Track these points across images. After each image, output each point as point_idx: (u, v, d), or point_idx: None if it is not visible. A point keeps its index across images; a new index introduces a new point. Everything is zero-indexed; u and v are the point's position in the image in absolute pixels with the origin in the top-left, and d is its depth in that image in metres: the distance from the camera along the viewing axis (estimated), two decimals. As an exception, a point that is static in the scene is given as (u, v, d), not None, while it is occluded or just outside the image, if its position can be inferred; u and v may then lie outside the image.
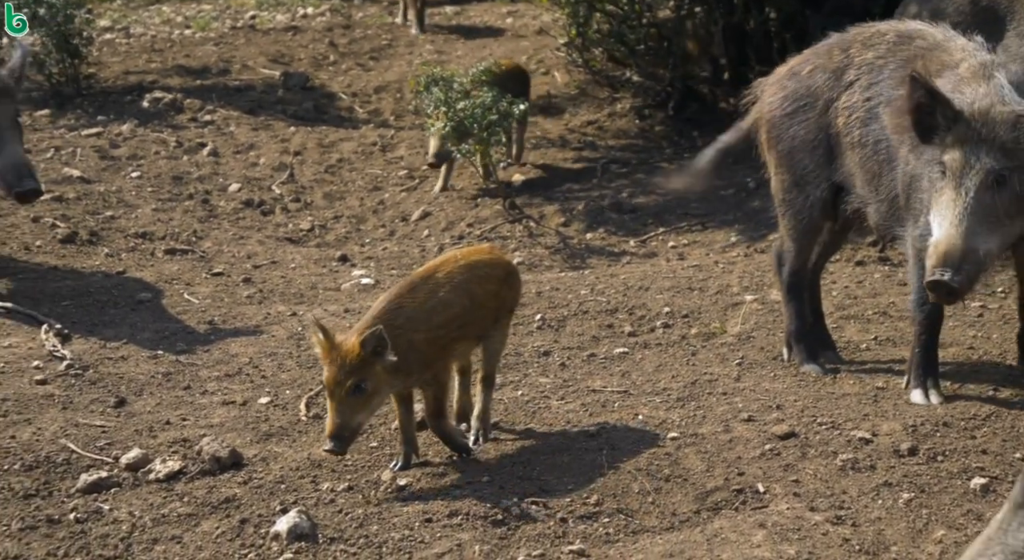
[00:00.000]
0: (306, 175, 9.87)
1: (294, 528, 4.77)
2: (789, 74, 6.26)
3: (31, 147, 9.62)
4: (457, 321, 5.25)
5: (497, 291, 5.41)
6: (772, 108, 6.26)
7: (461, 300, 5.27)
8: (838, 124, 6.00)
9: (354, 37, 13.41)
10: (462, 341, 5.32)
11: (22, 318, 7.00)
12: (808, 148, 6.11)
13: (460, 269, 5.34)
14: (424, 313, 5.17)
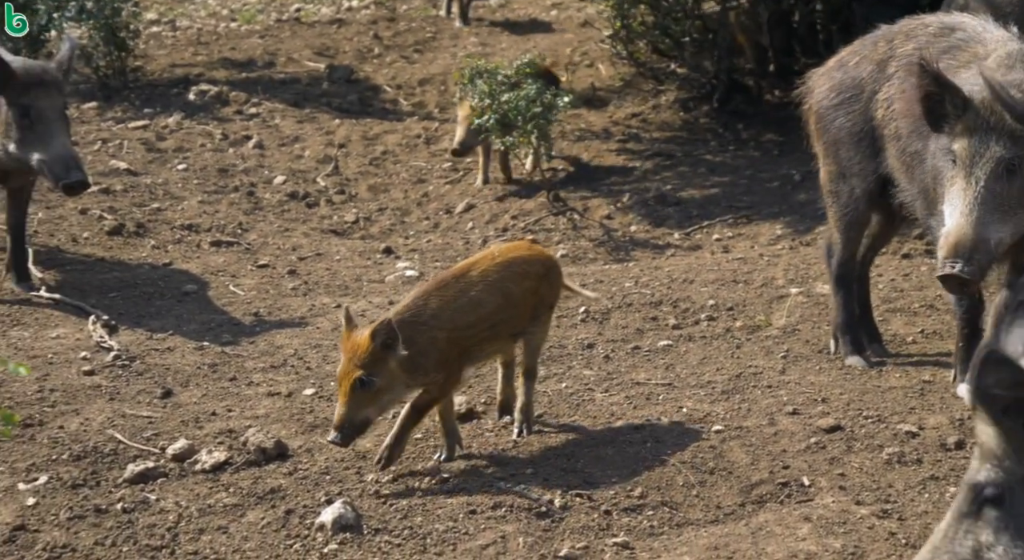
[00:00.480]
0: (351, 167, 9.89)
1: (339, 519, 4.79)
2: (838, 65, 6.23)
3: (78, 139, 9.69)
4: (488, 321, 5.20)
5: (535, 288, 5.37)
6: (820, 98, 6.23)
7: (494, 299, 5.23)
8: (878, 116, 5.97)
9: (399, 30, 13.43)
10: (493, 341, 5.28)
11: (70, 309, 7.05)
12: (854, 140, 6.08)
13: (495, 267, 5.30)
14: (450, 312, 5.13)
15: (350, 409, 4.92)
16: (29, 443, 5.47)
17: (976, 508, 3.27)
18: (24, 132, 6.85)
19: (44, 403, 5.84)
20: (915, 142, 5.76)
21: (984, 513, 3.26)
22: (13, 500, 5.03)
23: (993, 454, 3.24)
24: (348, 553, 4.66)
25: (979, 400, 3.18)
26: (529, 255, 5.45)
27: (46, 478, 5.18)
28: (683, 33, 10.59)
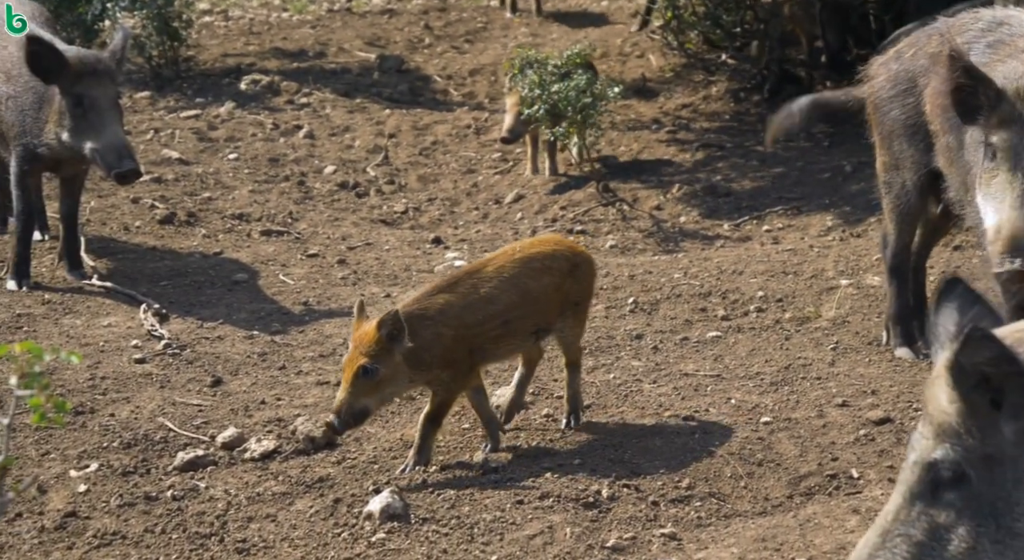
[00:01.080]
0: (401, 158, 9.91)
1: (387, 508, 4.80)
2: (896, 55, 6.18)
3: (131, 129, 9.75)
4: (500, 318, 5.16)
5: (559, 284, 5.30)
6: (877, 89, 6.19)
7: (508, 296, 5.18)
8: (927, 110, 5.92)
9: (449, 20, 13.43)
10: (509, 338, 5.23)
11: (121, 298, 7.10)
12: (907, 132, 6.03)
13: (512, 263, 5.25)
14: (458, 309, 5.11)
15: (351, 396, 4.93)
16: (80, 430, 5.52)
17: (932, 489, 3.19)
18: (77, 121, 6.89)
19: (95, 391, 5.89)
20: (951, 135, 5.72)
21: (942, 494, 3.18)
22: (64, 487, 5.08)
23: (953, 432, 3.16)
24: (396, 542, 4.68)
25: (953, 375, 3.12)
26: (553, 250, 5.38)
27: (97, 465, 5.23)
28: (735, 23, 10.54)
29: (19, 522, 4.86)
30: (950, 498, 3.16)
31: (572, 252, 5.46)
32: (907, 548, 3.19)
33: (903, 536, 3.20)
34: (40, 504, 4.98)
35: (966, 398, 3.11)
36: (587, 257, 5.55)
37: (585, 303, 5.51)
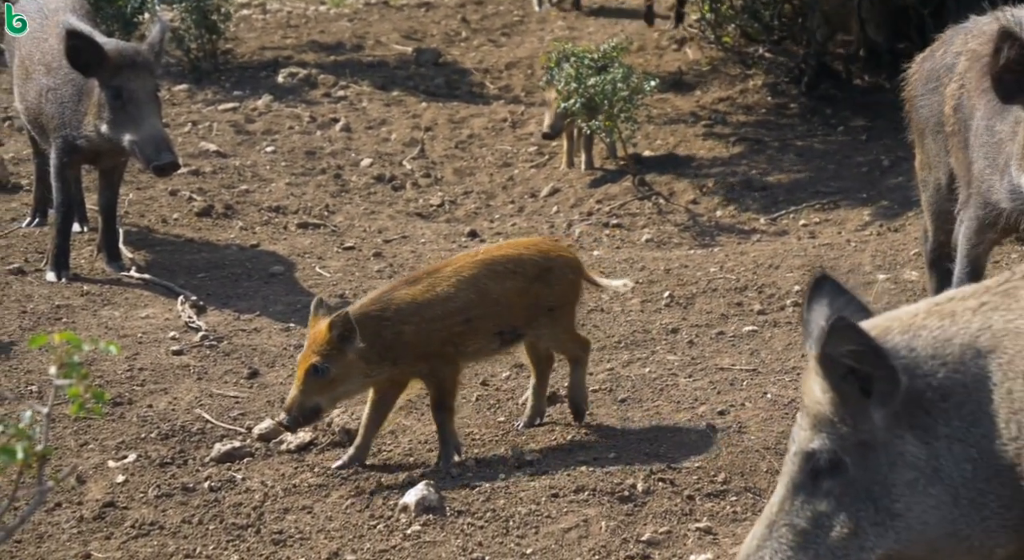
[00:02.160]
0: (437, 151, 9.92)
1: (422, 500, 4.82)
2: (929, 53, 6.15)
3: (169, 121, 9.80)
4: (460, 315, 5.14)
5: (524, 288, 5.23)
6: (912, 86, 6.18)
7: (466, 294, 5.16)
8: (944, 109, 5.91)
9: (486, 13, 13.44)
10: (473, 337, 5.20)
11: (159, 289, 7.14)
12: (935, 130, 6.01)
13: (472, 264, 5.23)
14: (416, 306, 5.10)
15: (302, 395, 4.94)
16: (119, 421, 5.56)
17: (812, 478, 3.29)
18: (116, 113, 6.93)
19: (133, 382, 5.92)
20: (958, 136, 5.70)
21: (821, 483, 3.28)
22: (103, 477, 5.11)
23: (828, 421, 3.27)
24: (431, 534, 4.69)
25: (823, 366, 3.22)
26: (520, 254, 5.31)
27: (135, 456, 5.26)
28: (772, 17, 10.51)
29: (58, 512, 4.89)
30: (829, 486, 3.26)
31: (545, 257, 5.35)
32: (792, 537, 3.30)
33: (788, 526, 3.30)
34: (79, 494, 5.01)
35: (837, 388, 3.22)
36: (566, 262, 5.42)
37: (563, 308, 5.37)
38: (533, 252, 5.36)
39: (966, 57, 5.80)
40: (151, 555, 4.62)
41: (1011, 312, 3.26)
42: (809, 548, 3.29)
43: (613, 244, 8.26)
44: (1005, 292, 3.33)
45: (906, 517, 3.24)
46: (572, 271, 5.41)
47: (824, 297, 3.48)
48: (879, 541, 3.25)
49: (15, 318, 6.62)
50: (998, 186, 5.43)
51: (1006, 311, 3.27)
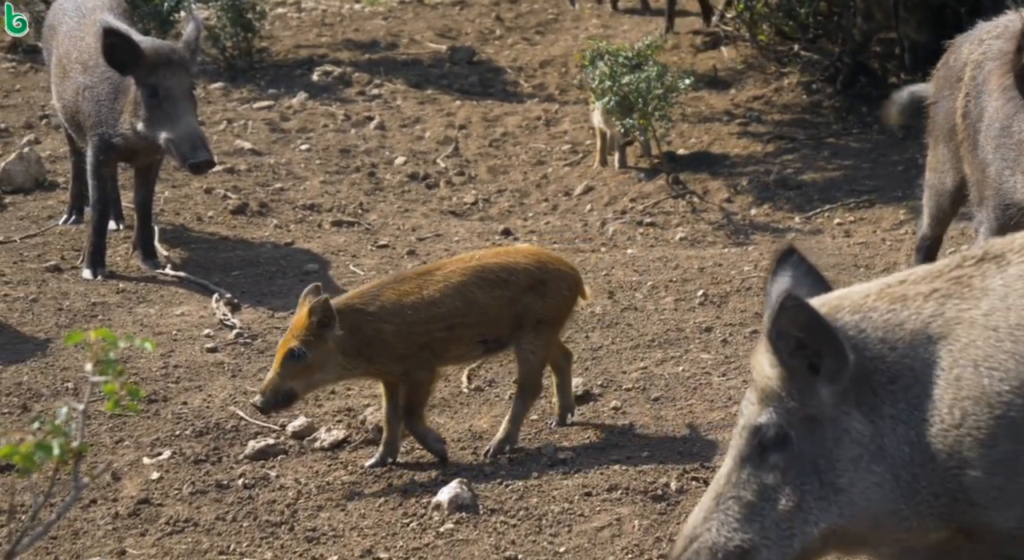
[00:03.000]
0: (471, 149, 9.93)
1: (455, 498, 4.82)
2: (944, 59, 6.15)
3: (205, 119, 9.83)
4: (443, 321, 5.09)
5: (514, 298, 5.15)
6: (932, 89, 6.21)
7: (451, 301, 5.10)
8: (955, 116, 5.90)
9: (520, 11, 13.44)
10: (455, 343, 5.15)
11: (194, 287, 7.17)
12: (948, 138, 6.01)
13: (463, 270, 5.16)
14: (399, 306, 5.06)
15: (279, 378, 4.94)
16: (154, 418, 5.58)
17: (759, 452, 3.33)
18: (152, 111, 6.96)
19: (168, 379, 5.95)
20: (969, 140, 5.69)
21: (768, 456, 3.32)
22: (138, 474, 5.14)
23: (776, 395, 3.31)
24: (464, 532, 4.69)
25: (772, 341, 3.25)
26: (513, 263, 5.22)
27: (169, 453, 5.29)
28: (808, 15, 10.47)
29: (94, 508, 4.92)
30: (775, 459, 3.31)
31: (541, 268, 5.24)
32: (739, 509, 3.34)
33: (735, 498, 3.35)
34: (114, 491, 5.04)
35: (785, 363, 3.26)
36: (562, 274, 5.29)
37: (553, 322, 5.26)
38: (530, 262, 5.25)
39: (971, 67, 5.79)
40: (185, 552, 4.64)
41: (964, 301, 3.30)
42: (755, 520, 3.34)
43: (647, 242, 8.24)
44: (958, 280, 3.35)
45: (849, 492, 3.28)
46: (568, 287, 5.28)
47: (788, 271, 3.52)
48: (822, 515, 3.29)
49: (52, 315, 6.66)
50: (1021, 186, 5.41)
51: (959, 300, 3.30)
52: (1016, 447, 3.25)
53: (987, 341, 3.26)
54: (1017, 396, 3.24)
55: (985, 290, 3.31)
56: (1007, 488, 3.25)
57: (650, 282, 7.16)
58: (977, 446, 3.24)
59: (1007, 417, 3.23)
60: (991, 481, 3.25)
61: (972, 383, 3.25)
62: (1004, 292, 3.30)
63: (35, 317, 6.64)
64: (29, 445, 2.86)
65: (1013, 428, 3.24)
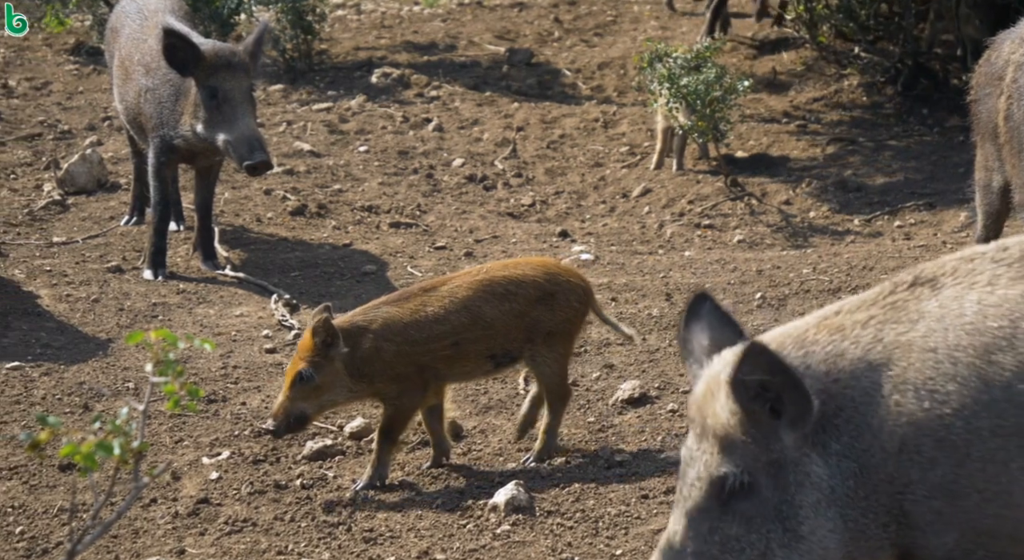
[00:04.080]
0: (528, 151, 9.93)
1: (512, 500, 4.82)
2: (985, 58, 6.11)
3: (264, 121, 9.89)
4: (448, 338, 5.02)
5: (523, 311, 5.08)
6: (973, 90, 6.18)
7: (457, 318, 5.03)
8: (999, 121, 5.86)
9: (579, 13, 13.42)
10: (462, 361, 5.08)
11: (253, 288, 7.21)
12: (992, 137, 5.96)
13: (469, 284, 5.09)
14: (402, 325, 4.99)
15: (289, 401, 4.89)
16: (213, 419, 5.62)
17: (720, 503, 3.24)
18: (211, 113, 7.00)
19: (227, 380, 5.99)
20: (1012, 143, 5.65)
21: (732, 506, 3.23)
22: (197, 474, 5.17)
23: (737, 443, 3.23)
24: (520, 534, 4.70)
25: (734, 389, 3.19)
26: (522, 276, 5.15)
27: (228, 453, 5.32)
28: (868, 16, 10.40)
29: (154, 507, 4.96)
30: (742, 507, 3.22)
31: (548, 279, 5.16)
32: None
33: (695, 554, 3.23)
34: (174, 490, 5.08)
35: (747, 409, 3.19)
36: (572, 286, 5.21)
37: (565, 334, 5.19)
38: (539, 273, 5.18)
39: (1013, 67, 5.75)
40: (244, 551, 4.67)
41: (900, 325, 3.28)
42: None
43: (704, 245, 8.22)
44: (893, 306, 3.34)
45: (809, 540, 3.24)
46: (578, 299, 5.21)
47: (703, 317, 3.45)
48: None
49: (113, 315, 6.72)
50: None
51: (896, 324, 3.28)
52: (956, 471, 3.24)
53: (926, 364, 3.25)
54: (957, 418, 3.23)
55: (921, 313, 3.30)
56: (944, 512, 3.24)
57: (708, 284, 7.14)
58: (918, 470, 3.23)
59: (948, 440, 3.22)
60: (929, 504, 3.24)
61: (912, 408, 3.23)
62: (940, 314, 3.29)
63: (97, 317, 6.71)
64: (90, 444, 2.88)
65: (954, 452, 3.23)
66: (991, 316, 3.29)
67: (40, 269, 7.29)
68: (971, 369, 3.26)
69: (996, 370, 3.27)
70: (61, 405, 5.71)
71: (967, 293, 3.33)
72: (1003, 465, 3.24)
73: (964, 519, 3.25)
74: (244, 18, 11.38)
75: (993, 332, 3.27)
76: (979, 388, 3.26)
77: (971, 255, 3.48)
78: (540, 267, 5.24)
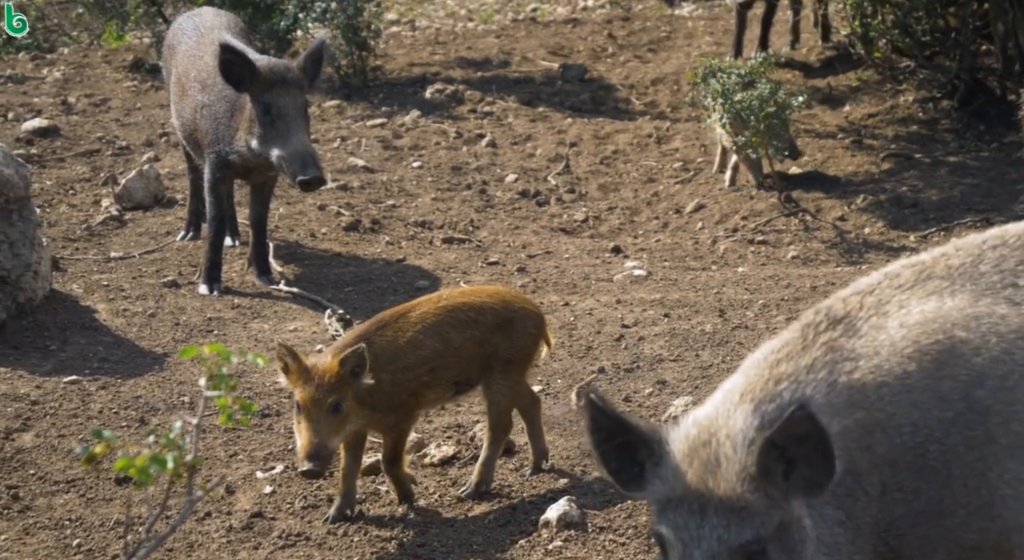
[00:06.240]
0: (581, 166, 9.93)
1: (564, 516, 4.82)
2: None
3: (319, 137, 9.95)
4: (427, 364, 5.02)
5: (483, 339, 5.09)
6: None
7: (432, 343, 5.03)
8: None
9: (633, 29, 13.43)
10: (434, 387, 5.08)
11: (307, 303, 7.25)
12: None
13: (436, 311, 5.09)
14: (391, 353, 4.96)
15: (322, 436, 4.74)
16: (267, 433, 5.65)
17: None
18: (265, 129, 7.04)
19: (281, 394, 6.02)
20: None
21: None
22: (251, 488, 5.20)
23: (754, 508, 3.09)
24: (572, 550, 4.69)
25: (765, 448, 3.08)
26: (482, 303, 5.17)
27: (282, 467, 5.35)
28: (924, 32, 10.34)
29: (208, 521, 4.99)
30: None
31: (506, 307, 5.20)
32: None
33: None
34: (228, 504, 5.11)
35: (765, 469, 3.10)
36: (527, 313, 5.26)
37: (518, 363, 5.21)
38: (496, 301, 5.21)
39: None
40: (296, 565, 4.69)
41: (846, 363, 3.27)
42: None
43: (758, 261, 8.19)
44: (829, 346, 3.32)
45: None
46: (534, 325, 5.25)
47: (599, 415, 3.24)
48: None
49: (169, 330, 6.78)
50: None
51: (842, 362, 3.28)
52: (941, 492, 3.23)
53: (883, 399, 3.24)
54: (930, 442, 3.23)
55: (855, 351, 3.29)
56: (931, 535, 3.23)
57: (761, 301, 7.12)
58: (902, 505, 3.22)
59: (927, 467, 3.21)
60: (915, 532, 3.23)
61: (884, 448, 3.22)
62: (874, 348, 3.29)
63: (153, 332, 6.76)
64: (144, 458, 2.91)
65: (936, 476, 3.22)
66: (922, 335, 3.31)
67: (97, 284, 7.36)
68: (926, 392, 3.26)
69: (949, 384, 3.28)
70: (117, 419, 5.76)
71: (886, 322, 3.34)
72: (983, 476, 3.25)
73: (950, 538, 3.25)
74: (301, 35, 11.46)
75: (932, 349, 3.29)
76: (940, 407, 3.26)
77: (866, 288, 3.51)
78: (496, 295, 5.27)
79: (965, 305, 3.41)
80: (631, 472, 3.22)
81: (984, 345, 3.33)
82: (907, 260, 3.67)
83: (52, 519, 5.00)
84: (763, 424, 3.16)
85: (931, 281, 3.49)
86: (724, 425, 3.19)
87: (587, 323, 6.83)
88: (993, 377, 3.31)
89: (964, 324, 3.37)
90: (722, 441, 3.16)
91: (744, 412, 3.22)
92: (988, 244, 3.64)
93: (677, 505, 3.14)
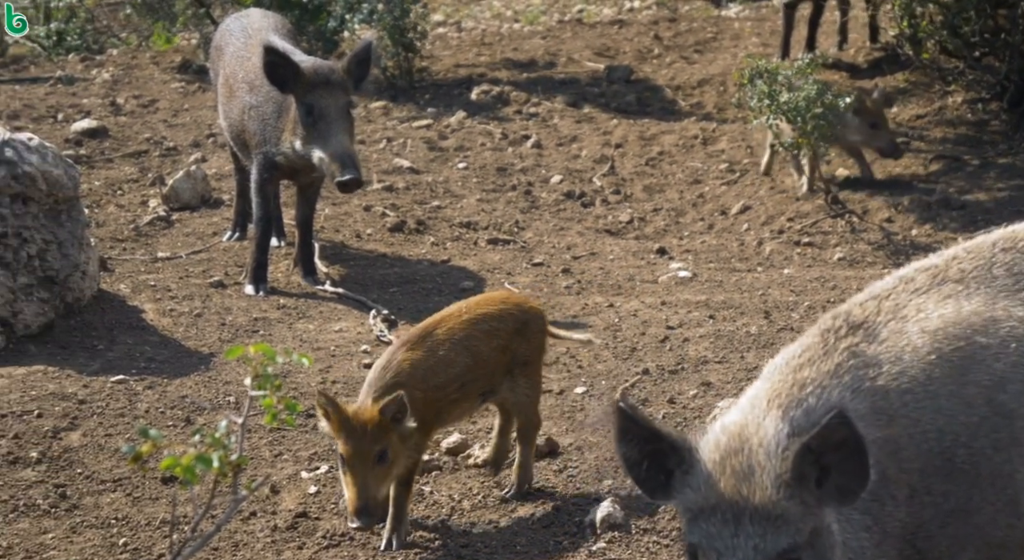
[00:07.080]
0: (626, 167, 9.91)
1: (607, 517, 4.82)
2: None
3: (365, 138, 9.97)
4: (458, 381, 4.98)
5: (506, 345, 5.08)
6: None
7: (463, 358, 4.99)
8: None
9: (679, 30, 13.39)
10: (462, 402, 5.04)
11: (352, 303, 7.27)
12: None
13: (462, 325, 5.05)
14: (423, 371, 4.89)
15: (371, 488, 4.64)
16: (311, 433, 5.67)
17: None
18: (308, 130, 7.07)
19: (326, 394, 6.03)
20: None
21: None
22: (296, 488, 5.22)
23: (790, 514, 3.06)
24: (616, 552, 4.69)
25: (801, 454, 3.05)
26: (500, 310, 5.15)
27: (327, 467, 5.36)
28: (973, 33, 10.26)
29: (253, 521, 5.02)
30: None
31: (519, 310, 5.22)
32: None
33: None
34: (273, 504, 5.13)
35: (800, 475, 3.07)
36: (537, 313, 5.29)
37: (535, 362, 5.22)
38: (510, 306, 5.21)
39: None
40: (341, 565, 4.71)
41: (870, 369, 3.27)
42: None
43: (804, 262, 8.15)
44: (851, 352, 3.31)
45: None
46: (543, 323, 5.28)
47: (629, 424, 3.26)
48: None
49: (215, 330, 6.81)
50: None
51: (865, 369, 3.27)
52: (969, 492, 3.22)
53: (907, 405, 3.23)
54: (957, 446, 3.23)
55: (877, 357, 3.29)
56: (959, 534, 3.22)
57: (807, 302, 7.08)
58: (931, 509, 3.21)
59: (957, 470, 3.21)
60: (944, 532, 3.22)
61: (912, 452, 3.21)
62: (896, 353, 3.29)
63: (199, 331, 6.80)
64: (190, 458, 2.93)
65: (965, 477, 3.21)
66: (943, 341, 3.30)
67: (145, 284, 7.41)
68: (951, 397, 3.26)
69: (973, 390, 3.28)
70: (164, 418, 5.79)
71: (905, 326, 3.34)
72: (1009, 477, 3.26)
73: (978, 535, 3.24)
74: (348, 36, 11.50)
75: (954, 356, 3.28)
76: (965, 412, 3.26)
77: (882, 293, 3.51)
78: (508, 301, 5.28)
79: (983, 309, 3.43)
80: (658, 480, 3.21)
81: (1004, 350, 3.36)
82: (919, 264, 3.67)
83: (99, 518, 5.04)
84: (793, 430, 3.14)
85: (946, 285, 3.51)
86: (755, 432, 3.18)
87: (632, 324, 6.82)
88: (1015, 381, 3.33)
89: (983, 329, 3.38)
90: (754, 449, 3.13)
91: (774, 419, 3.20)
92: (999, 247, 3.66)
93: (710, 514, 3.12)
